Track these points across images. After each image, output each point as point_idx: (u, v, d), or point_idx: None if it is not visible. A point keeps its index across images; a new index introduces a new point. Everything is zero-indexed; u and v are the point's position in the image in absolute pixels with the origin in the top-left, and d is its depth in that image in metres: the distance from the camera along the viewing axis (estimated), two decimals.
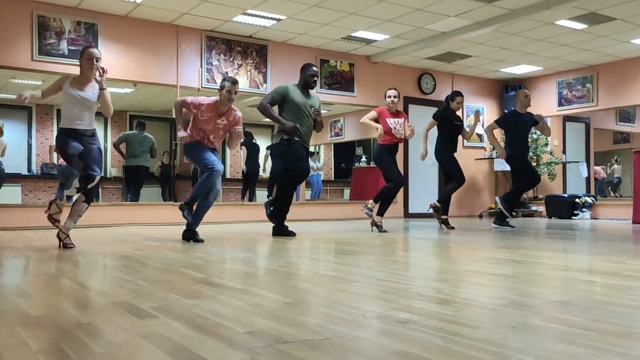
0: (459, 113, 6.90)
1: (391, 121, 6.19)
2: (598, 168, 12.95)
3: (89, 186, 4.29)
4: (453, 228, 6.69)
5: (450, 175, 6.75)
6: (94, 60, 4.31)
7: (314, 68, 5.64)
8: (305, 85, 5.57)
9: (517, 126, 6.91)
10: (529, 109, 7.02)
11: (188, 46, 8.12)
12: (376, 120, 6.23)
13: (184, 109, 5.06)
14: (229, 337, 1.61)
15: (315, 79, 5.61)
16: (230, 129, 5.04)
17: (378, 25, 8.01)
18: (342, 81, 9.49)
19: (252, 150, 10.61)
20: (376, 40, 8.80)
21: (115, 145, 9.75)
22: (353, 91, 9.61)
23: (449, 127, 6.68)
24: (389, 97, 6.24)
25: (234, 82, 4.95)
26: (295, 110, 5.44)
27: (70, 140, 4.27)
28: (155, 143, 9.71)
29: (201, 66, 8.21)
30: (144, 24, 7.81)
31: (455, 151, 6.81)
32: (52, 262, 3.57)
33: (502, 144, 7.88)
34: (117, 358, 1.44)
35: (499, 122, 7.11)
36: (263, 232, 5.92)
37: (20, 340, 1.60)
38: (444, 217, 6.77)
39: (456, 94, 6.75)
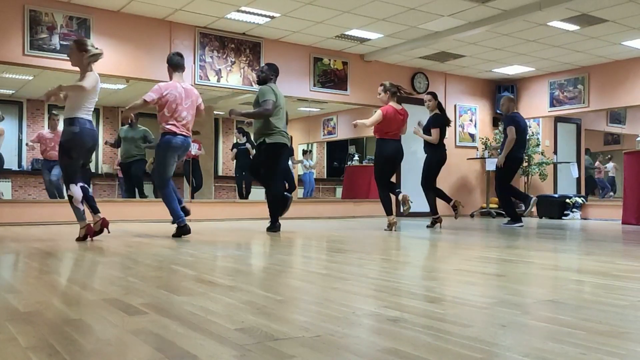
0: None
1: None
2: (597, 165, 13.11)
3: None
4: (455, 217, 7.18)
5: None
6: None
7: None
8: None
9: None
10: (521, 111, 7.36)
11: (181, 42, 8.09)
12: None
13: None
14: (220, 333, 1.61)
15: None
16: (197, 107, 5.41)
17: (372, 24, 8.02)
18: (335, 79, 9.49)
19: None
20: (370, 39, 8.81)
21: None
22: (346, 90, 9.61)
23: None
24: None
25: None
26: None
27: None
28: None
29: (194, 63, 8.18)
30: (137, 19, 7.77)
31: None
32: (42, 258, 3.55)
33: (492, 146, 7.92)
34: (106, 354, 1.43)
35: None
36: (255, 229, 5.91)
37: (10, 336, 1.59)
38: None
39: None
